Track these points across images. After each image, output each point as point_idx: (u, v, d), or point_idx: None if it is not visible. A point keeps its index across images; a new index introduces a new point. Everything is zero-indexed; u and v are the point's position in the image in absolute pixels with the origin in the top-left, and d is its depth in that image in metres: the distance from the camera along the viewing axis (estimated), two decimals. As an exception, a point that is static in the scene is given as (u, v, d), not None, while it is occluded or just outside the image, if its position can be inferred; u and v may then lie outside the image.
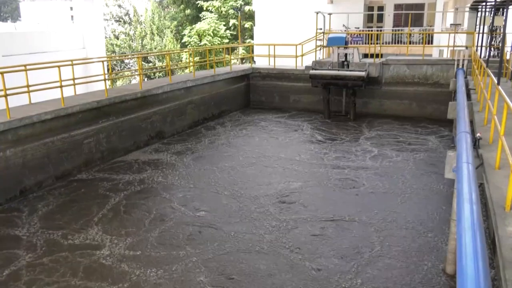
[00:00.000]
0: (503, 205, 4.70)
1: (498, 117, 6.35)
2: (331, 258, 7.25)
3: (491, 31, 16.65)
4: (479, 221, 3.71)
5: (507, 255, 3.86)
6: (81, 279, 6.77)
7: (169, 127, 15.23)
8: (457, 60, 15.57)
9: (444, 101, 15.59)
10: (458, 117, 7.84)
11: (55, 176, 10.94)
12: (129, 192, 10.23)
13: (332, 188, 10.39)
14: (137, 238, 8.03)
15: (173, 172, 11.62)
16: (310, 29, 21.24)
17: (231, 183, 10.75)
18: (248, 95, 20.52)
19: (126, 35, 41.87)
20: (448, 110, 12.39)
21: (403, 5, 25.54)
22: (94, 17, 26.43)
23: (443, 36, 21.85)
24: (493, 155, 6.09)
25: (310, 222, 8.55)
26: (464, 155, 5.36)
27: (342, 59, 17.52)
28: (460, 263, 3.16)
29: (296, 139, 14.83)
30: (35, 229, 8.40)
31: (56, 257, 7.39)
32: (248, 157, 12.85)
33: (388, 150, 13.24)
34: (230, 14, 39.90)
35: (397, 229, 8.24)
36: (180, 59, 38.00)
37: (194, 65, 17.62)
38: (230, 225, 8.48)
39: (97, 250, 7.59)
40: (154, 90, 14.30)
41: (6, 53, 20.23)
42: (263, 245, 7.68)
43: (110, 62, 33.46)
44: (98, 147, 12.27)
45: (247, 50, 34.78)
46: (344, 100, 18.16)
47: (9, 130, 9.67)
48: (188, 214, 9.04)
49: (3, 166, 9.60)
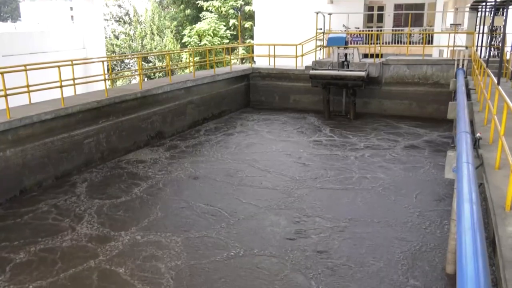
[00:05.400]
0: (503, 205, 4.70)
1: (498, 117, 6.35)
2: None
3: (491, 31, 16.65)
4: (479, 221, 3.71)
5: (507, 255, 3.86)
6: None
7: (169, 127, 15.23)
8: (457, 60, 15.56)
9: (444, 101, 15.58)
10: (458, 117, 7.84)
11: (55, 176, 10.95)
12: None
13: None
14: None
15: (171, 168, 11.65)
16: (310, 29, 21.23)
17: (233, 176, 10.78)
18: (248, 95, 20.52)
19: (126, 35, 41.86)
20: (448, 110, 12.39)
21: (403, 5, 25.54)
22: (94, 17, 26.47)
23: (443, 36, 21.84)
24: (493, 155, 6.09)
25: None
26: (464, 155, 5.36)
27: (342, 59, 17.52)
28: (460, 263, 3.16)
29: (296, 139, 14.83)
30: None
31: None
32: (247, 159, 12.86)
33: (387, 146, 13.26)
34: (230, 14, 39.91)
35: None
36: (180, 59, 38.01)
37: (194, 65, 17.62)
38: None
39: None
40: (154, 90, 14.30)
41: (6, 53, 20.26)
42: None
43: (110, 62, 33.45)
44: (98, 147, 12.27)
45: (247, 50, 34.78)
46: (344, 100, 18.15)
47: (9, 130, 9.67)
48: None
49: (3, 166, 9.60)
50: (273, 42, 20.57)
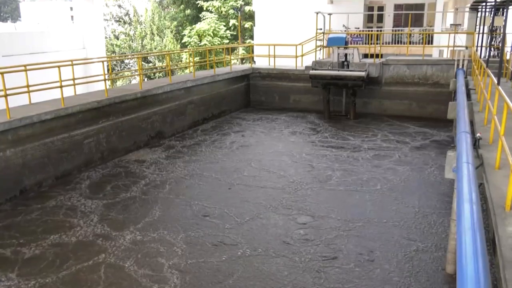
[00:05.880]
0: (503, 205, 4.70)
1: (498, 117, 6.35)
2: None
3: (491, 31, 16.65)
4: (479, 221, 3.71)
5: (507, 255, 3.86)
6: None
7: (169, 127, 15.23)
8: (457, 60, 15.57)
9: (444, 101, 15.59)
10: (458, 117, 7.84)
11: (55, 176, 10.95)
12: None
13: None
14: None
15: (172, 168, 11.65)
16: (310, 29, 21.23)
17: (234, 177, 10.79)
18: (248, 95, 20.52)
19: (126, 35, 41.87)
20: (448, 110, 12.40)
21: (403, 5, 25.54)
22: (94, 17, 26.48)
23: (443, 36, 21.85)
24: (493, 155, 6.09)
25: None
26: (464, 155, 5.36)
27: (342, 59, 17.52)
28: (460, 263, 3.16)
29: (296, 139, 14.81)
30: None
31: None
32: (247, 159, 12.86)
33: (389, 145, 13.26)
34: (230, 14, 39.90)
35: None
36: (180, 59, 38.01)
37: (194, 65, 17.62)
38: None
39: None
40: (154, 90, 14.30)
41: (6, 53, 20.26)
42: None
43: (110, 62, 33.46)
44: (98, 147, 12.27)
45: (247, 50, 34.78)
46: (344, 100, 18.15)
47: (9, 130, 9.67)
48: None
49: (3, 166, 9.60)
50: (273, 42, 20.57)
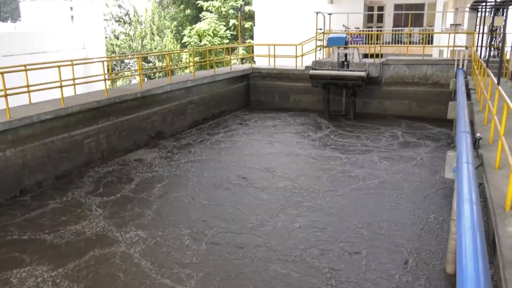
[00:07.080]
0: (503, 205, 4.70)
1: (498, 117, 6.35)
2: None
3: (491, 31, 16.65)
4: (479, 221, 3.71)
5: (507, 255, 3.86)
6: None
7: (169, 127, 15.23)
8: (457, 60, 15.57)
9: (444, 101, 15.58)
10: (458, 117, 7.84)
11: (55, 176, 10.95)
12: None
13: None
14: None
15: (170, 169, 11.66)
16: (310, 29, 21.23)
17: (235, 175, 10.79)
18: (248, 95, 20.52)
19: (126, 35, 41.87)
20: (448, 110, 12.39)
21: (403, 5, 25.54)
22: (94, 17, 26.48)
23: (443, 36, 21.85)
24: (493, 155, 6.09)
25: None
26: (464, 155, 5.36)
27: (342, 59, 17.52)
28: (460, 263, 3.16)
29: (296, 139, 14.80)
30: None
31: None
32: (247, 159, 12.86)
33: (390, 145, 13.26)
34: (230, 14, 39.89)
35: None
36: (180, 59, 38.01)
37: (194, 65, 17.62)
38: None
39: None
40: (154, 90, 14.30)
41: (6, 53, 20.26)
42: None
43: (110, 62, 33.46)
44: (98, 147, 12.27)
45: (247, 50, 34.78)
46: (344, 100, 18.15)
47: (9, 130, 9.67)
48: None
49: (3, 166, 9.60)
50: (273, 42, 20.56)
